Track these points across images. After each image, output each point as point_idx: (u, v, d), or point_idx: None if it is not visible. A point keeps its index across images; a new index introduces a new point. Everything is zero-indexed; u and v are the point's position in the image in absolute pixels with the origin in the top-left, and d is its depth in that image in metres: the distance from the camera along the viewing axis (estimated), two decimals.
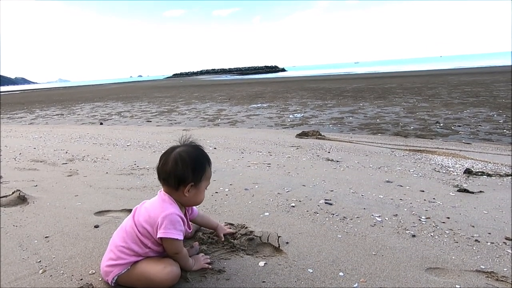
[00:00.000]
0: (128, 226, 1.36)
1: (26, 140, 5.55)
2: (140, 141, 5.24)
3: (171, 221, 1.29)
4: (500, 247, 1.65)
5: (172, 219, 1.29)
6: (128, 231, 1.34)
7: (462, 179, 2.92)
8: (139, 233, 1.32)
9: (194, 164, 1.34)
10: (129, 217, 1.42)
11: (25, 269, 1.49)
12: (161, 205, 1.34)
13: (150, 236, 1.32)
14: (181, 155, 1.34)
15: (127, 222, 1.39)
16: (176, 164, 1.32)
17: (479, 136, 5.84)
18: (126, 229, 1.36)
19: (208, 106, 12.85)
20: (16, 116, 13.35)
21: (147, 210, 1.36)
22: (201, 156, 1.40)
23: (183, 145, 1.41)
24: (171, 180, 1.33)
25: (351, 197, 2.38)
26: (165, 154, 1.38)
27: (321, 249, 1.63)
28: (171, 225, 1.29)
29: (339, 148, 4.44)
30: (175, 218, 1.30)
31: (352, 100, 11.88)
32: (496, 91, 11.73)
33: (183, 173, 1.32)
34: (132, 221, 1.36)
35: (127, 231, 1.35)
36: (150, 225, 1.32)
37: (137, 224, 1.33)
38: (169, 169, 1.33)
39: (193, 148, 1.40)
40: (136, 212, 1.39)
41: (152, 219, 1.32)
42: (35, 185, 2.83)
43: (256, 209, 2.15)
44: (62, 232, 1.86)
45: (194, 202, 1.42)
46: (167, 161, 1.34)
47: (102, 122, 9.91)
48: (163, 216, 1.29)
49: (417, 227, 1.88)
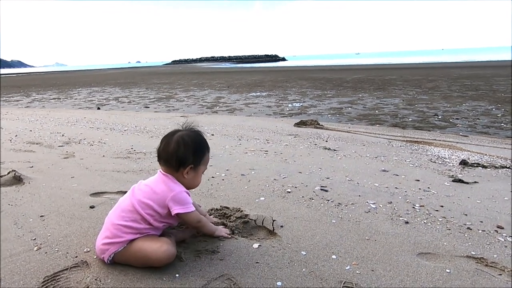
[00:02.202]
0: (127, 204, 1.37)
1: (22, 123, 5.51)
2: (138, 126, 5.22)
3: (183, 198, 1.37)
4: (491, 235, 1.67)
5: (183, 196, 1.38)
6: (127, 209, 1.35)
7: (457, 170, 2.94)
8: (142, 210, 1.34)
9: (195, 147, 1.40)
10: (126, 196, 1.42)
11: (20, 246, 1.50)
12: (166, 184, 1.38)
13: (155, 213, 1.35)
14: (184, 138, 1.39)
15: (125, 201, 1.39)
16: (179, 146, 1.38)
17: (476, 129, 5.86)
18: (124, 208, 1.36)
19: (206, 94, 12.76)
20: (12, 99, 13.20)
21: (149, 187, 1.39)
22: (202, 140, 1.45)
23: (185, 129, 1.46)
24: (172, 161, 1.38)
25: (346, 185, 2.39)
26: (166, 137, 1.43)
27: (315, 233, 1.64)
28: (184, 201, 1.37)
29: (336, 137, 4.44)
30: (184, 195, 1.38)
31: (352, 91, 11.83)
32: (496, 85, 11.70)
33: (185, 155, 1.37)
34: (131, 199, 1.37)
35: (125, 209, 1.36)
36: (157, 203, 1.35)
37: (139, 202, 1.35)
38: (171, 150, 1.38)
39: (194, 133, 1.45)
40: (134, 191, 1.41)
41: (159, 196, 1.36)
42: (31, 166, 2.82)
43: (252, 194, 2.16)
44: (57, 212, 1.87)
45: (191, 185, 1.46)
46: (169, 142, 1.40)
47: (99, 107, 9.83)
48: (173, 194, 1.35)
49: (410, 215, 1.89)
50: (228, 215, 1.77)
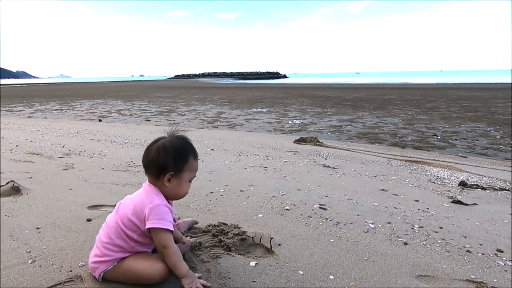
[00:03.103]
0: (111, 221, 1.33)
1: (23, 133, 5.53)
2: (138, 139, 5.24)
3: (160, 212, 1.26)
4: (491, 258, 1.65)
5: (160, 210, 1.27)
6: (112, 226, 1.31)
7: (456, 191, 2.93)
8: (124, 226, 1.29)
9: (175, 153, 1.32)
10: (112, 213, 1.38)
11: (14, 258, 1.48)
12: (147, 195, 1.31)
13: (137, 228, 1.29)
14: (164, 144, 1.33)
15: (111, 218, 1.35)
16: (158, 152, 1.31)
17: (475, 150, 5.88)
18: (110, 225, 1.33)
19: (208, 108, 12.87)
20: (15, 109, 13.31)
21: (132, 201, 1.33)
22: (185, 146, 1.37)
23: (169, 136, 1.40)
24: (152, 168, 1.32)
25: (345, 203, 2.38)
26: (150, 145, 1.38)
27: (313, 252, 1.63)
28: (160, 215, 1.26)
29: (336, 155, 4.45)
30: (163, 209, 1.28)
31: (352, 109, 11.94)
32: (494, 107, 11.83)
33: (164, 161, 1.30)
34: (115, 215, 1.33)
35: (111, 226, 1.32)
36: (136, 216, 1.28)
37: (122, 217, 1.30)
38: (151, 157, 1.33)
39: (177, 138, 1.38)
40: (120, 207, 1.36)
41: (138, 209, 1.28)
42: (30, 177, 2.82)
43: (250, 211, 2.15)
44: (54, 224, 1.85)
45: (175, 194, 1.36)
46: (150, 150, 1.34)
47: (101, 119, 9.89)
48: (150, 207, 1.27)
49: (409, 235, 1.88)
50: (225, 232, 1.76)
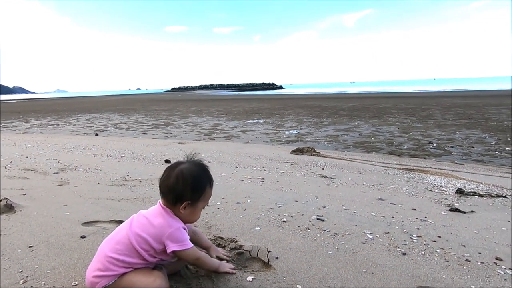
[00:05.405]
0: (121, 236, 1.32)
1: (18, 149, 5.49)
2: (135, 152, 5.22)
3: (181, 235, 1.33)
4: (491, 267, 1.64)
5: (180, 233, 1.33)
6: (122, 242, 1.30)
7: (454, 199, 2.93)
8: (137, 244, 1.29)
9: (194, 184, 1.34)
10: (123, 226, 1.37)
11: (5, 279, 1.44)
12: (165, 218, 1.33)
13: (150, 249, 1.29)
14: (183, 172, 1.34)
15: (122, 232, 1.34)
16: (177, 180, 1.33)
17: (471, 157, 5.91)
18: (119, 239, 1.31)
19: (204, 120, 12.91)
20: (11, 124, 13.26)
21: (148, 220, 1.33)
22: (204, 176, 1.39)
23: (188, 161, 1.41)
24: (170, 196, 1.34)
25: (343, 214, 2.37)
26: (168, 169, 1.38)
27: (311, 265, 1.60)
28: (181, 238, 1.33)
29: (333, 165, 4.45)
30: (182, 232, 1.34)
31: (348, 119, 12.03)
32: (487, 114, 11.98)
33: (182, 191, 1.33)
34: (127, 231, 1.32)
35: (120, 241, 1.30)
36: (153, 237, 1.30)
37: (136, 235, 1.30)
38: (170, 184, 1.34)
39: (197, 166, 1.39)
40: (132, 222, 1.35)
41: (156, 230, 1.31)
42: (24, 193, 2.78)
43: (247, 223, 2.13)
44: (47, 242, 1.82)
45: (187, 220, 1.40)
46: (169, 176, 1.35)
47: (97, 133, 9.87)
48: (170, 232, 1.31)
49: (408, 245, 1.86)
50: (222, 246, 1.74)
